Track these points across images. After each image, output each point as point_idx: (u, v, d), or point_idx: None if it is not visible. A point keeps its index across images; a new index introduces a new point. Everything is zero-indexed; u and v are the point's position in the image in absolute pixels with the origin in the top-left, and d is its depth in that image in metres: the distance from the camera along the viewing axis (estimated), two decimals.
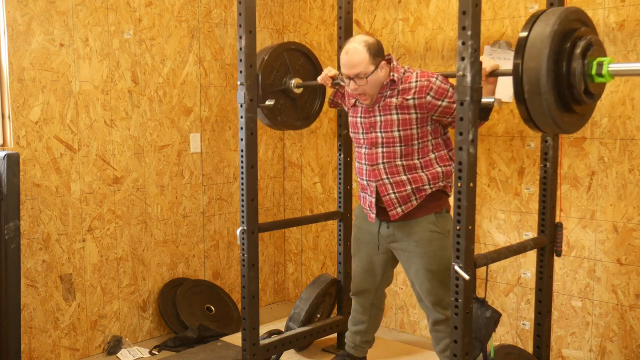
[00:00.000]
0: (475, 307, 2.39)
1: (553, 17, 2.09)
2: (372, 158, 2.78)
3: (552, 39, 2.05)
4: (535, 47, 2.06)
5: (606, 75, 2.11)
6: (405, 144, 2.71)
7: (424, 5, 3.64)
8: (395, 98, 2.70)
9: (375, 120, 2.76)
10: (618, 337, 3.10)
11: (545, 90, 2.05)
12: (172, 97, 3.85)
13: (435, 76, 2.67)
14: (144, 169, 3.75)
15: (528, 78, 2.07)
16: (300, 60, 3.29)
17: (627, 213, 3.02)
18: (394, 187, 2.74)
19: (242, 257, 2.95)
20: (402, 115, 2.69)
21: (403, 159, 2.73)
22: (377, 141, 2.76)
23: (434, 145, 2.74)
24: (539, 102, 2.08)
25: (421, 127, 2.70)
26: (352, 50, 2.67)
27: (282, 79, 3.20)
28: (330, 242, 4.28)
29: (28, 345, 3.33)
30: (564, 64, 2.09)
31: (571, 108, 2.17)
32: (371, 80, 2.67)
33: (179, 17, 3.85)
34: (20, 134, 3.24)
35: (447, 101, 2.63)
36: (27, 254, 3.29)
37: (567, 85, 2.12)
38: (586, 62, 2.11)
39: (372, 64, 2.65)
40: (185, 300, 3.83)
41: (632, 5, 2.92)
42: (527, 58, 2.08)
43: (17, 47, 3.20)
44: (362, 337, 3.12)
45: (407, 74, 2.72)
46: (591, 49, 2.13)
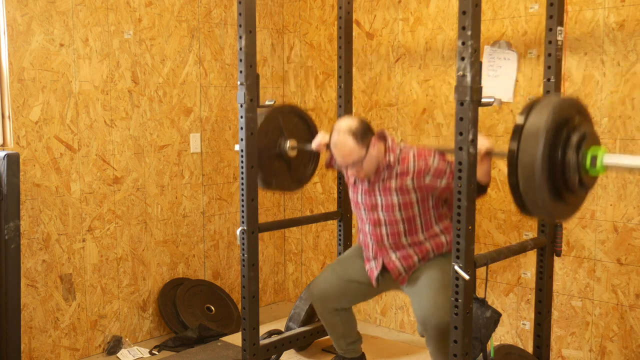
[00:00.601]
0: (475, 307, 2.39)
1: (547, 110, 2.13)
2: (378, 237, 2.83)
3: (546, 136, 2.10)
4: (530, 141, 2.11)
5: (600, 169, 2.17)
6: (408, 222, 2.76)
7: (424, 5, 3.64)
8: (394, 180, 2.72)
9: (376, 202, 2.79)
10: (618, 337, 3.10)
11: (540, 184, 2.11)
12: (172, 97, 3.85)
13: (432, 155, 2.68)
14: (144, 169, 3.75)
15: (523, 172, 2.13)
16: (294, 121, 3.29)
17: (627, 213, 3.02)
18: (402, 260, 2.82)
19: (242, 257, 2.95)
20: (402, 197, 2.73)
21: (408, 237, 2.79)
22: (380, 221, 2.80)
23: (436, 218, 2.79)
24: (534, 195, 2.15)
25: (422, 206, 2.74)
26: (340, 144, 2.69)
27: (277, 141, 3.20)
28: (330, 242, 4.28)
29: (28, 345, 3.33)
30: (559, 157, 2.15)
31: (564, 198, 2.23)
32: (366, 163, 2.70)
33: (179, 17, 3.85)
34: (20, 134, 3.24)
35: (446, 180, 2.66)
36: (27, 254, 3.29)
37: (562, 177, 2.17)
38: (580, 154, 2.16)
39: (362, 148, 2.67)
40: (185, 300, 3.83)
41: (632, 5, 2.92)
42: (522, 152, 2.13)
43: (17, 47, 3.20)
44: (345, 340, 3.11)
45: (404, 154, 2.73)
46: (585, 140, 2.17)
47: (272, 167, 3.17)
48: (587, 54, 3.08)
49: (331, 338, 3.14)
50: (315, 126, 3.38)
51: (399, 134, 3.80)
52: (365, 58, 3.92)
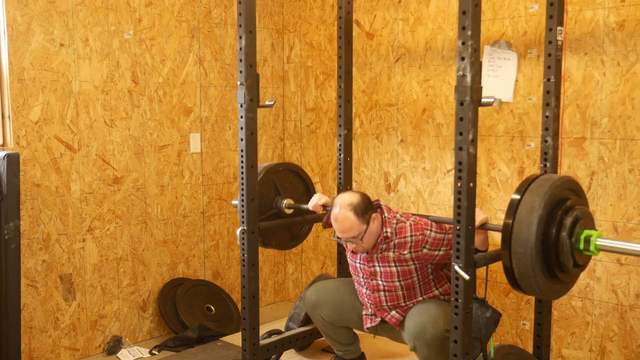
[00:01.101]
0: (475, 307, 2.39)
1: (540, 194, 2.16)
2: (377, 301, 2.86)
3: (539, 223, 2.13)
4: (523, 231, 2.14)
5: (593, 251, 2.20)
6: (407, 289, 2.79)
7: (424, 5, 3.63)
8: (392, 252, 2.74)
9: (375, 270, 2.81)
10: (618, 337, 3.10)
11: (535, 272, 2.15)
12: (172, 97, 3.85)
13: (429, 227, 2.70)
14: (144, 169, 3.75)
15: (518, 261, 2.16)
16: (289, 177, 3.31)
17: (627, 213, 3.02)
18: (400, 314, 2.84)
19: (242, 257, 2.95)
20: (400, 267, 2.75)
21: (407, 301, 2.82)
22: (378, 288, 2.83)
23: (436, 282, 2.82)
24: (529, 282, 2.18)
25: (421, 273, 2.77)
26: (341, 218, 2.70)
27: (274, 200, 3.22)
28: (330, 242, 4.28)
29: (28, 345, 3.33)
30: (553, 238, 2.18)
31: (559, 278, 2.26)
32: (366, 237, 2.72)
33: (179, 17, 3.85)
34: (20, 134, 3.24)
35: (444, 249, 2.69)
36: (27, 254, 3.29)
37: (556, 261, 2.21)
38: (574, 238, 2.19)
39: (363, 223, 2.69)
40: (185, 300, 3.83)
41: (632, 5, 2.92)
42: (515, 242, 2.16)
43: (17, 47, 3.20)
44: (340, 342, 3.13)
45: (400, 225, 2.74)
46: (579, 222, 2.20)
47: (270, 227, 3.18)
48: (587, 54, 3.08)
49: (327, 341, 3.16)
50: (311, 181, 3.43)
51: (399, 134, 3.80)
52: (365, 58, 3.92)
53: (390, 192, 3.88)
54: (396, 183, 3.85)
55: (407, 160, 3.78)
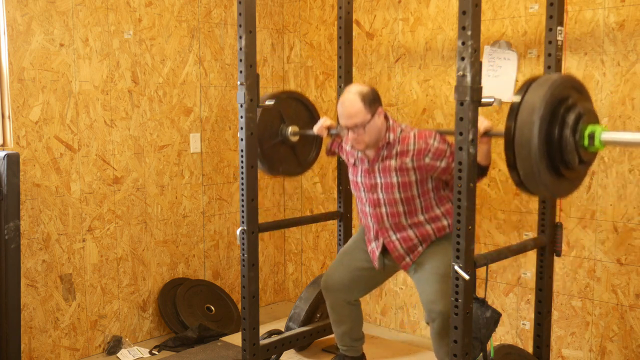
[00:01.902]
0: (475, 307, 2.39)
1: (541, 92, 2.11)
2: (378, 218, 2.83)
3: (541, 123, 2.08)
4: (525, 131, 2.11)
5: (598, 146, 2.15)
6: (407, 203, 2.76)
7: (424, 5, 3.64)
8: (394, 160, 2.72)
9: (376, 182, 2.79)
10: (618, 337, 3.10)
11: (539, 172, 2.11)
12: (172, 97, 3.85)
13: (433, 137, 2.68)
14: (144, 169, 3.75)
15: (522, 162, 2.13)
16: (293, 106, 3.31)
17: (627, 213, 3.02)
18: (402, 242, 2.81)
19: (242, 257, 2.95)
20: (401, 177, 2.72)
21: (408, 218, 2.78)
22: (379, 202, 2.80)
23: (437, 201, 2.78)
24: (534, 182, 2.15)
25: (422, 187, 2.74)
26: (348, 102, 2.68)
27: (279, 128, 3.23)
28: (330, 242, 4.28)
29: (28, 345, 3.33)
30: (556, 137, 2.13)
31: (565, 176, 2.22)
32: (369, 129, 2.69)
33: (179, 17, 3.85)
34: (20, 134, 3.24)
35: (446, 161, 2.66)
36: (27, 254, 3.29)
37: (561, 159, 2.16)
38: (578, 135, 2.15)
39: (368, 113, 2.67)
40: (185, 300, 3.83)
41: (632, 5, 2.92)
42: (517, 144, 2.13)
43: (17, 47, 3.20)
44: (349, 336, 3.11)
45: (404, 134, 2.73)
46: (582, 119, 2.16)
47: (277, 154, 3.20)
48: (587, 54, 3.08)
49: (336, 334, 3.14)
50: (316, 108, 3.40)
51: None
52: (365, 58, 3.92)
53: None
54: None
55: None
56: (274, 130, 3.22)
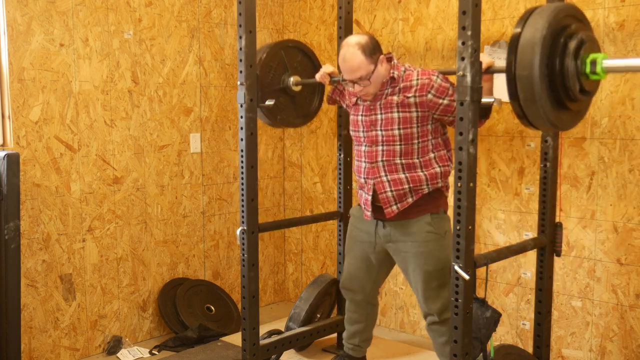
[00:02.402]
0: (475, 307, 2.39)
1: (542, 20, 2.07)
2: (372, 156, 2.78)
3: (542, 45, 2.04)
4: (526, 54, 2.06)
5: (600, 73, 2.11)
6: (405, 142, 2.71)
7: (424, 5, 3.63)
8: (397, 96, 2.70)
9: (376, 118, 2.76)
10: (618, 337, 3.10)
11: (540, 96, 2.06)
12: (172, 97, 3.85)
13: (436, 74, 2.67)
14: (144, 169, 3.75)
15: (522, 85, 2.07)
16: (298, 57, 3.28)
17: (627, 213, 3.02)
18: (392, 184, 2.74)
19: (242, 257, 2.95)
20: (402, 113, 2.69)
21: (402, 158, 2.73)
22: (377, 139, 2.76)
23: (433, 145, 2.74)
24: (535, 108, 2.09)
25: (421, 126, 2.70)
26: (349, 56, 2.66)
27: (281, 77, 3.20)
28: (330, 242, 4.28)
29: (28, 345, 3.33)
30: (557, 65, 2.09)
31: (566, 106, 2.17)
32: (374, 79, 2.68)
33: (179, 17, 3.85)
34: (20, 134, 3.24)
35: (448, 99, 2.64)
36: (27, 254, 3.29)
37: (562, 86, 2.11)
38: (579, 61, 2.10)
39: (371, 63, 2.66)
40: (185, 300, 3.83)
41: (632, 5, 2.92)
42: (519, 66, 2.07)
43: (17, 47, 3.20)
44: (360, 336, 3.12)
45: (408, 72, 2.72)
46: (584, 46, 2.11)
47: (276, 102, 3.15)
48: None
49: (347, 332, 3.13)
50: (319, 62, 3.38)
51: None
52: None
53: None
54: None
55: None
56: (276, 77, 3.17)
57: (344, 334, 3.18)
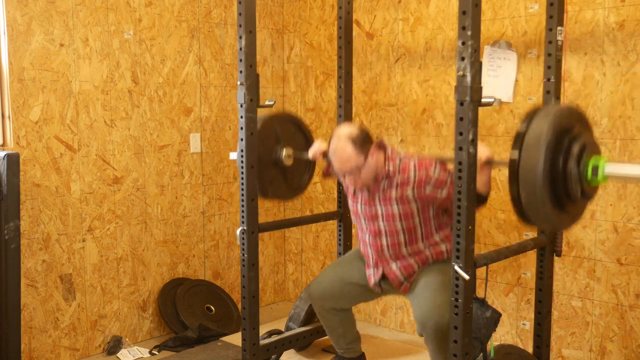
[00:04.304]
0: (475, 307, 2.39)
1: (545, 124, 2.12)
2: (378, 247, 2.82)
3: (547, 147, 2.08)
4: (530, 158, 2.10)
5: (602, 179, 2.16)
6: (408, 233, 2.76)
7: (424, 5, 3.64)
8: (395, 190, 2.71)
9: (376, 211, 2.78)
10: (618, 337, 3.10)
11: (543, 200, 2.11)
12: (172, 97, 3.85)
13: (434, 165, 2.67)
14: (144, 169, 3.75)
15: (525, 184, 2.12)
16: (291, 129, 3.29)
17: (627, 213, 3.02)
18: (402, 269, 2.81)
19: (242, 257, 2.95)
20: (402, 207, 2.72)
21: (408, 247, 2.78)
22: (380, 232, 2.79)
23: (437, 227, 2.78)
24: (536, 211, 2.15)
25: (423, 215, 2.73)
26: (339, 150, 2.67)
27: (273, 149, 3.19)
28: (330, 242, 4.28)
29: (28, 345, 3.33)
30: (560, 167, 2.14)
31: (566, 208, 2.23)
32: (364, 171, 2.68)
33: (179, 17, 3.85)
34: (20, 134, 3.24)
35: (447, 190, 2.65)
36: (27, 254, 3.29)
37: (564, 190, 2.16)
38: (581, 166, 2.15)
39: (361, 155, 2.66)
40: (185, 300, 3.83)
41: (632, 5, 2.92)
42: (522, 169, 2.12)
43: (17, 47, 3.20)
44: (344, 339, 3.11)
45: (404, 163, 2.71)
46: (586, 150, 2.16)
47: (268, 175, 3.16)
48: (587, 54, 3.08)
49: (330, 338, 3.15)
50: (312, 135, 3.40)
51: (399, 134, 3.80)
52: (365, 58, 3.92)
53: None
54: None
55: None
56: (268, 150, 3.17)
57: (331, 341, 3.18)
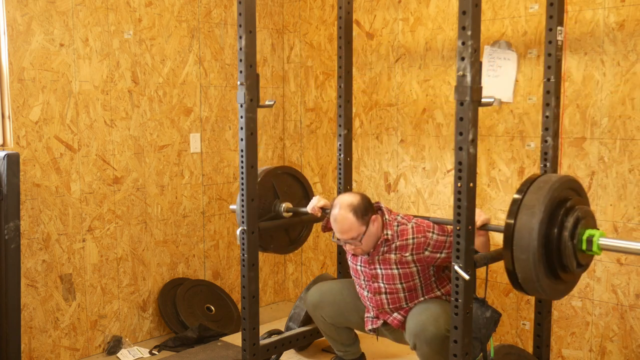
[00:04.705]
0: (475, 307, 2.39)
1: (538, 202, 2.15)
2: (378, 304, 2.85)
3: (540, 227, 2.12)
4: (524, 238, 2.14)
5: (596, 251, 2.19)
6: (409, 291, 2.78)
7: (424, 5, 3.63)
8: (394, 254, 2.73)
9: (376, 272, 2.80)
10: (618, 337, 3.10)
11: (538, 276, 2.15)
12: (172, 97, 3.85)
13: (432, 229, 2.69)
14: (144, 169, 3.75)
15: (520, 267, 2.16)
16: (288, 181, 3.31)
17: (627, 213, 3.02)
18: (403, 315, 2.82)
19: (242, 257, 2.95)
20: (402, 269, 2.74)
21: (409, 302, 2.80)
22: (380, 290, 2.81)
23: (437, 283, 2.80)
24: (533, 285, 2.18)
25: (423, 275, 2.76)
26: (340, 219, 2.68)
27: (272, 204, 3.21)
28: (330, 243, 4.28)
29: (28, 345, 3.33)
30: (555, 242, 2.17)
31: (561, 279, 2.26)
32: (365, 239, 2.70)
33: (179, 17, 3.85)
34: (20, 134, 3.24)
35: (446, 252, 2.67)
36: (27, 254, 3.29)
37: (559, 263, 2.20)
38: (576, 239, 2.18)
39: (362, 225, 2.67)
40: (185, 300, 3.83)
41: (632, 5, 2.92)
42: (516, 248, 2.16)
43: (17, 47, 3.20)
44: (342, 343, 3.13)
45: (402, 227, 2.72)
46: (580, 222, 2.20)
47: (268, 231, 3.17)
48: (587, 54, 3.08)
49: (327, 341, 3.16)
50: (310, 185, 3.43)
51: (399, 134, 3.80)
52: (365, 58, 3.92)
53: (390, 192, 3.88)
54: (396, 183, 3.85)
55: (407, 160, 3.78)
56: (267, 205, 3.19)
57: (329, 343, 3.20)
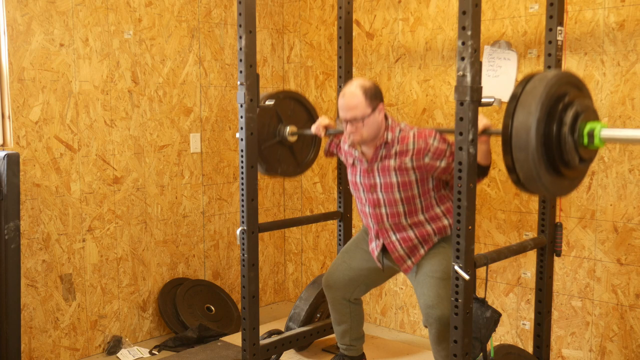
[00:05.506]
0: (475, 307, 2.39)
1: (534, 100, 2.07)
2: (378, 218, 2.81)
3: (538, 125, 2.04)
4: (523, 124, 2.06)
5: (598, 144, 2.11)
6: (407, 203, 2.73)
7: (424, 5, 3.64)
8: (393, 160, 2.70)
9: (375, 182, 2.77)
10: (618, 337, 3.10)
11: (539, 174, 2.08)
12: (172, 97, 3.85)
13: (433, 136, 2.66)
14: (144, 169, 3.75)
15: (520, 165, 2.09)
16: (291, 106, 3.29)
17: (627, 213, 3.02)
18: (401, 242, 2.78)
19: (242, 257, 2.95)
20: (401, 177, 2.70)
21: (408, 218, 2.76)
22: (379, 202, 2.78)
23: (437, 200, 2.76)
24: (535, 184, 2.13)
25: (422, 186, 2.71)
26: (349, 94, 2.66)
27: (276, 129, 3.20)
28: (330, 242, 4.28)
29: (28, 345, 3.33)
30: (554, 138, 2.10)
31: (564, 175, 2.19)
32: (367, 123, 2.66)
33: (179, 17, 3.85)
34: (20, 134, 3.24)
35: (446, 161, 2.63)
36: (27, 254, 3.29)
37: (560, 160, 2.12)
38: (576, 134, 2.10)
39: (368, 107, 2.64)
40: (185, 300, 3.84)
41: (632, 5, 2.92)
42: (515, 147, 2.08)
43: (17, 47, 3.20)
44: (350, 335, 3.11)
45: (403, 133, 2.70)
46: (580, 117, 2.12)
47: (275, 155, 3.18)
48: (587, 54, 3.08)
49: (336, 333, 3.14)
50: (314, 108, 3.39)
51: None
52: (365, 58, 3.93)
53: None
54: None
55: None
56: (271, 131, 3.20)
57: (335, 336, 3.18)
